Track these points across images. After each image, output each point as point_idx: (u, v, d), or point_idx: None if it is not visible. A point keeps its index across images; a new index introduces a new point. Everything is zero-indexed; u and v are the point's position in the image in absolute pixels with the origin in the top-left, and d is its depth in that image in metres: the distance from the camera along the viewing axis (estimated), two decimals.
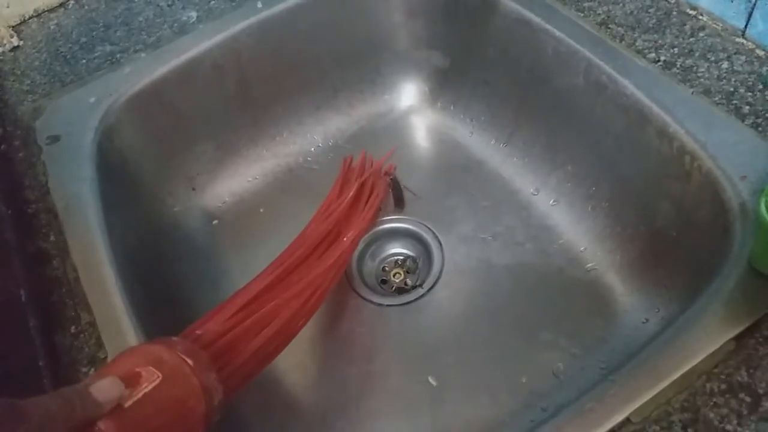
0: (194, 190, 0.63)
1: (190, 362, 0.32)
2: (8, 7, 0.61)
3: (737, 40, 0.50)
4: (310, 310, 0.45)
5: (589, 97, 0.52)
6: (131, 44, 0.59)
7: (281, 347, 0.42)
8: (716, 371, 0.35)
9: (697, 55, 0.50)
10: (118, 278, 0.43)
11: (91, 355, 0.39)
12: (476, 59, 0.63)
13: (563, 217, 0.58)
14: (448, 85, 0.67)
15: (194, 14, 0.60)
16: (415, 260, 0.61)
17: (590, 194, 0.57)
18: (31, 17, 0.63)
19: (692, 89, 0.48)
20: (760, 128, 0.44)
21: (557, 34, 0.53)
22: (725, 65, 0.49)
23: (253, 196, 0.65)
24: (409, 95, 0.69)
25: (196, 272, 0.59)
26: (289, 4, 0.60)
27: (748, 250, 0.39)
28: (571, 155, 0.57)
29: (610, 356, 0.51)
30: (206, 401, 0.32)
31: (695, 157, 0.45)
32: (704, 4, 0.52)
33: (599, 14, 0.53)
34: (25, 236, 0.45)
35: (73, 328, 0.41)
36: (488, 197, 0.62)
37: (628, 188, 0.53)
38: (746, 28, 0.50)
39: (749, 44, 0.50)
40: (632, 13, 0.53)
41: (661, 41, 0.51)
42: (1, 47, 0.60)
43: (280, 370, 0.53)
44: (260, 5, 0.59)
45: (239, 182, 0.65)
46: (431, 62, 0.67)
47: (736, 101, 0.46)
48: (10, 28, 0.61)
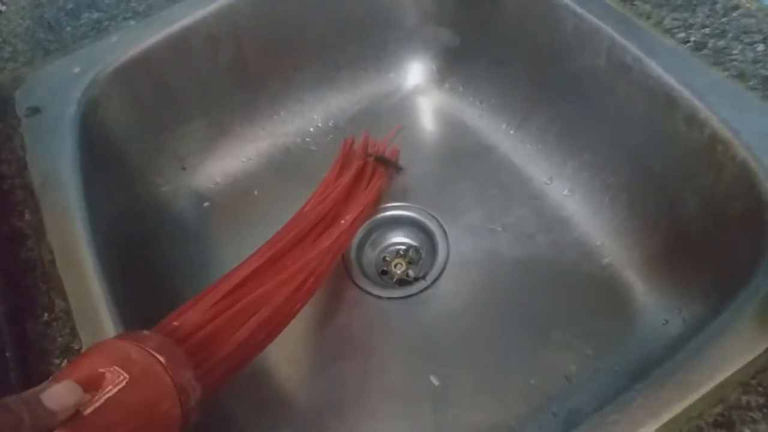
0: (184, 169, 0.59)
1: (161, 359, 0.28)
2: None
3: None
4: (303, 296, 0.41)
5: (611, 79, 0.48)
6: (120, 12, 0.55)
7: (270, 338, 0.39)
8: (753, 383, 0.32)
9: (730, 36, 0.46)
10: (97, 263, 0.39)
11: (64, 345, 0.36)
12: (489, 37, 0.59)
13: (578, 208, 0.55)
14: (457, 64, 0.63)
15: None
16: (417, 250, 0.58)
17: (608, 184, 0.53)
18: None
19: (725, 72, 0.44)
20: None
21: (578, 10, 0.49)
22: (761, 48, 0.45)
23: (247, 177, 0.61)
24: (415, 74, 0.65)
25: (184, 257, 0.55)
26: None
27: None
28: (588, 142, 0.54)
29: (626, 359, 0.47)
30: (182, 402, 0.29)
31: (728, 146, 0.41)
32: None
33: None
34: None
35: (45, 315, 0.37)
36: (498, 185, 0.58)
37: (650, 179, 0.49)
38: None
39: None
40: None
41: (691, 20, 0.47)
42: None
43: (270, 363, 0.49)
44: None
45: (232, 163, 0.61)
46: (440, 40, 0.63)
47: None
48: None
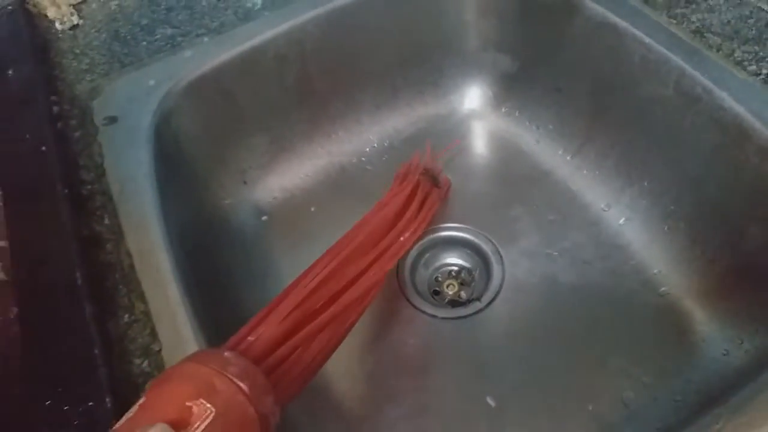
0: (245, 183, 0.60)
1: (245, 388, 0.28)
2: None
3: None
4: (363, 308, 0.42)
5: (678, 108, 0.49)
6: (193, 28, 0.57)
7: (334, 349, 0.39)
8: None
9: None
10: (174, 267, 0.40)
11: (144, 346, 0.37)
12: (548, 64, 0.60)
13: (636, 236, 0.55)
14: (514, 90, 0.64)
15: (259, 1, 0.58)
16: (470, 272, 0.58)
17: (668, 213, 0.53)
18: None
19: None
20: None
21: (646, 40, 0.49)
22: None
23: (304, 193, 0.62)
24: (472, 98, 0.66)
25: (242, 267, 0.56)
26: None
27: None
28: (648, 170, 0.54)
29: (685, 387, 0.47)
30: (262, 430, 0.28)
31: None
32: None
33: (693, 22, 0.50)
34: (79, 218, 0.43)
35: (126, 316, 0.38)
36: (554, 210, 0.58)
37: (713, 208, 0.49)
38: None
39: None
40: (729, 22, 0.50)
41: (762, 53, 0.47)
42: (60, 25, 0.58)
43: (327, 376, 0.50)
44: None
45: (291, 178, 0.63)
46: (499, 65, 0.64)
47: None
48: (71, 6, 0.59)
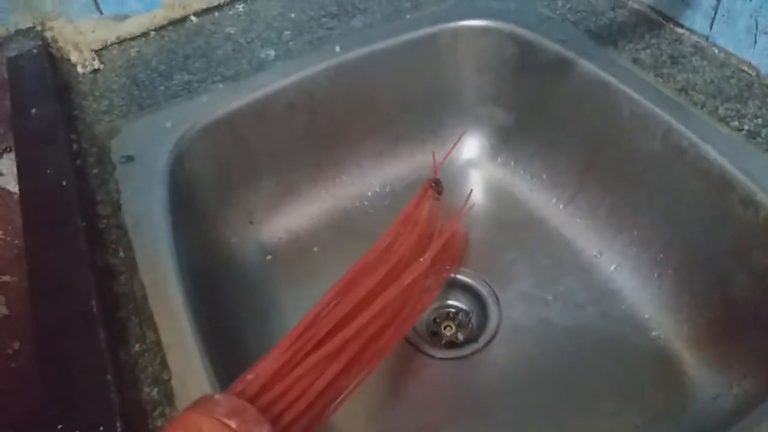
0: (252, 223, 0.63)
1: (233, 425, 0.29)
2: (94, 32, 0.64)
3: None
4: (381, 350, 0.42)
5: (666, 161, 0.52)
6: (209, 75, 0.60)
7: (348, 386, 0.39)
8: None
9: None
10: (186, 299, 0.42)
11: (155, 375, 0.38)
12: (542, 118, 0.64)
13: (627, 282, 0.57)
14: (510, 141, 0.68)
15: (272, 53, 0.62)
16: (467, 314, 0.60)
17: (657, 260, 0.55)
18: (113, 44, 0.65)
19: None
20: None
21: (636, 96, 0.53)
22: None
23: (308, 234, 0.64)
24: (470, 149, 0.69)
25: (246, 305, 0.58)
26: (365, 50, 0.61)
27: None
28: (638, 219, 0.57)
29: (677, 431, 0.48)
30: None
31: None
32: None
33: (678, 81, 0.54)
34: (95, 250, 0.44)
35: (137, 345, 0.39)
36: (548, 256, 0.61)
37: (700, 256, 0.52)
38: None
39: None
40: (713, 81, 0.53)
41: (743, 111, 0.51)
42: (82, 68, 0.61)
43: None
44: (338, 49, 0.60)
45: (296, 220, 0.65)
46: (495, 119, 0.68)
47: None
48: (92, 51, 0.63)
